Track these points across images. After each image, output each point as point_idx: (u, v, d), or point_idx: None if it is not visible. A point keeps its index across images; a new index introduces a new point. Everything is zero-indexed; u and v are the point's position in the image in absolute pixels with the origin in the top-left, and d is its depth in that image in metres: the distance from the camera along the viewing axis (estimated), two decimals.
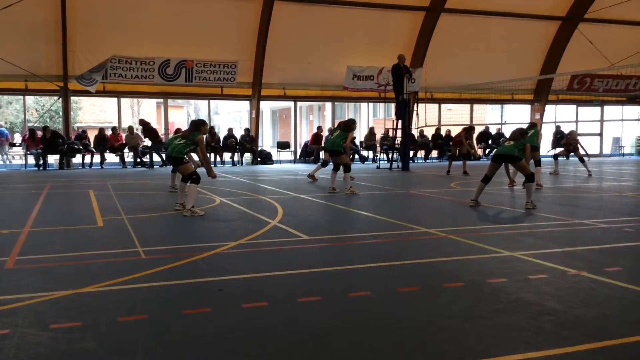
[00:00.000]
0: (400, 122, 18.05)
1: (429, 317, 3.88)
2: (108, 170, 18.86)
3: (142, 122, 19.98)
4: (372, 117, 31.66)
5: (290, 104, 24.58)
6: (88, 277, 4.89)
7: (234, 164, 21.29)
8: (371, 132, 23.32)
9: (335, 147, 11.50)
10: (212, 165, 10.58)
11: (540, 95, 25.35)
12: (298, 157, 23.27)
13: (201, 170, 8.72)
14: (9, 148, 21.26)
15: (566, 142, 15.86)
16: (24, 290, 4.46)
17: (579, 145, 15.33)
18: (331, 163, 11.82)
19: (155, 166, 19.87)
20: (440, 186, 12.98)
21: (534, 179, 9.18)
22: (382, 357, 3.21)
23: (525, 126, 12.16)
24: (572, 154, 15.79)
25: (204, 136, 8.92)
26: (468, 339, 3.46)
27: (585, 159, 15.22)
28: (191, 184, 8.39)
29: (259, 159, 21.75)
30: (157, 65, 19.75)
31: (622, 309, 4.03)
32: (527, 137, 9.40)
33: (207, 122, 11.77)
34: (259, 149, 22.31)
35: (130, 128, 20.71)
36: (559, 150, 16.55)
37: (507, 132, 21.55)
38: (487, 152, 24.01)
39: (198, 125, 8.73)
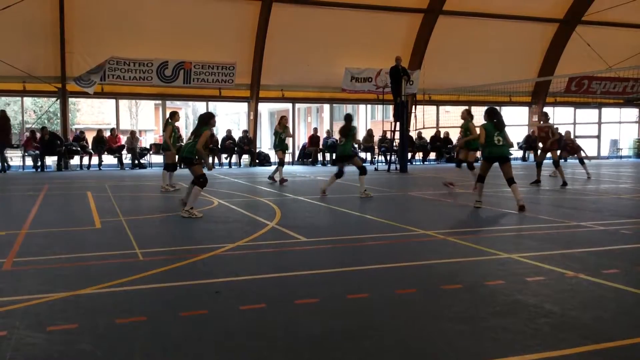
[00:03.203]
0: (398, 124, 18.06)
1: (427, 319, 3.88)
2: (106, 171, 18.85)
3: (2, 113, 18.83)
4: (370, 119, 31.65)
5: (289, 105, 24.61)
6: (86, 278, 4.89)
7: (230, 165, 21.29)
8: (369, 134, 23.33)
9: (345, 152, 11.15)
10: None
11: (538, 97, 25.40)
12: (296, 158, 23.28)
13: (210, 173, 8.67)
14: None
15: (564, 144, 15.89)
16: (22, 292, 4.45)
17: (578, 146, 15.37)
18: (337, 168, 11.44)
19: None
20: (438, 188, 12.98)
21: (514, 180, 9.18)
22: (379, 359, 3.21)
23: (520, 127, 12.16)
24: (572, 155, 15.84)
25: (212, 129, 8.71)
26: (466, 341, 3.47)
27: (586, 161, 15.28)
28: (196, 186, 8.38)
29: (257, 161, 21.74)
30: (155, 67, 19.75)
31: (619, 311, 4.04)
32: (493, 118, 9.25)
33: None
34: (257, 150, 22.30)
35: (133, 133, 20.74)
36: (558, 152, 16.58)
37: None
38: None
39: (206, 119, 8.52)
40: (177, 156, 10.95)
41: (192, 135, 8.74)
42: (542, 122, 13.66)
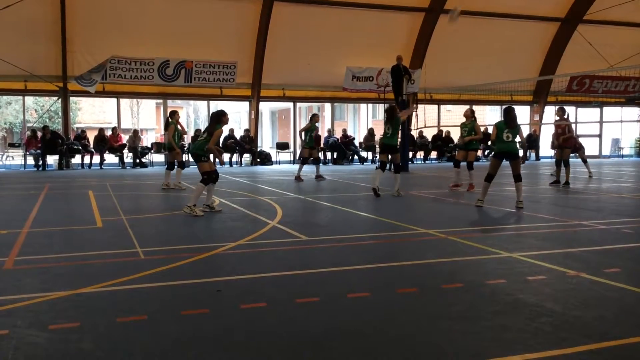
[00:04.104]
0: None
1: (428, 319, 3.88)
2: (107, 170, 18.86)
3: None
4: (371, 118, 31.65)
5: (290, 104, 24.61)
6: (87, 277, 4.89)
7: (231, 164, 21.29)
8: (370, 133, 23.32)
9: (394, 143, 11.37)
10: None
11: (540, 96, 25.37)
12: (297, 157, 23.26)
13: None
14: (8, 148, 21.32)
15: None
16: (23, 291, 4.45)
17: (580, 144, 15.33)
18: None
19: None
20: (439, 187, 12.97)
21: (521, 178, 9.17)
22: (380, 358, 3.21)
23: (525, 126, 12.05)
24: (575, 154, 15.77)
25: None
26: (467, 340, 3.46)
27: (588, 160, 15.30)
28: (199, 183, 8.45)
29: (258, 160, 21.75)
30: (156, 66, 19.75)
31: (620, 310, 4.03)
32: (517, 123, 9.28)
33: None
34: (258, 149, 22.31)
35: (135, 131, 20.75)
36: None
37: None
38: (486, 152, 24.04)
39: (219, 117, 8.55)
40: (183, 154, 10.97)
41: (204, 133, 8.79)
42: (557, 118, 13.33)
